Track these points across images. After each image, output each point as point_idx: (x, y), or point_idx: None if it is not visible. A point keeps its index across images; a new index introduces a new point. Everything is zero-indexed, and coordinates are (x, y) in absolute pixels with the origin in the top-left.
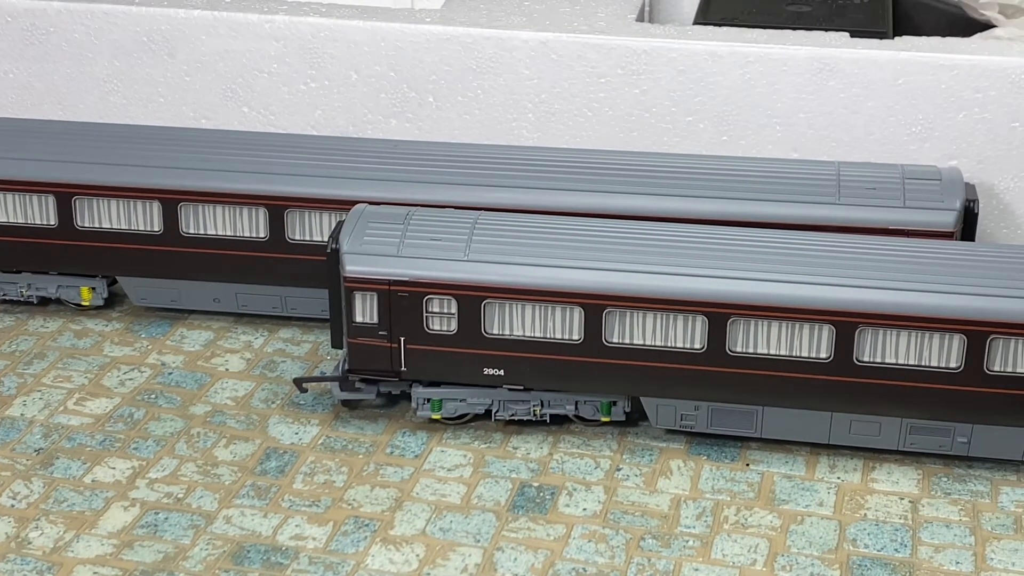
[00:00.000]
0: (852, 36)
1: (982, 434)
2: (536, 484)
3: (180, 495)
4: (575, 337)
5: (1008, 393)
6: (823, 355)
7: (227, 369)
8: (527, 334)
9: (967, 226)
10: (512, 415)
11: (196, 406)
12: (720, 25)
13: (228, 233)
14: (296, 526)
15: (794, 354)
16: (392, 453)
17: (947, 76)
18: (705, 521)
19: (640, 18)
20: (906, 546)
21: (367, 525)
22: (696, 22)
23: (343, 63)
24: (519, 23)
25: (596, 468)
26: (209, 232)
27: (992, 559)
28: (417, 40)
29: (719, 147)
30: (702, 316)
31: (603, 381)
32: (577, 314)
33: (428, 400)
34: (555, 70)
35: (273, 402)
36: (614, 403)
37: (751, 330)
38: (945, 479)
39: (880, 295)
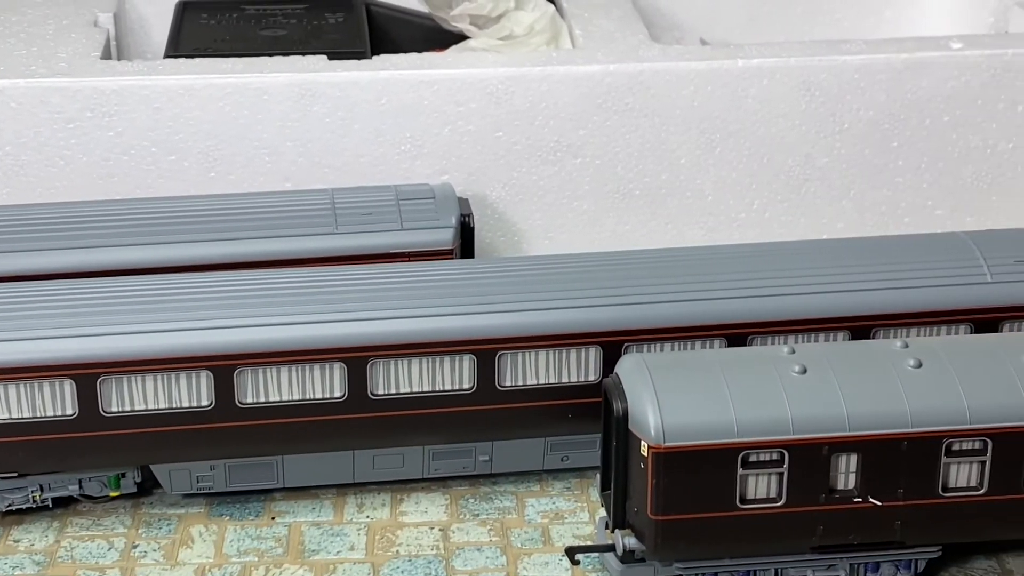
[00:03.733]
0: (331, 58)
1: (502, 449)
2: None
3: None
4: (68, 412)
5: (521, 407)
6: (337, 394)
7: None
8: (13, 415)
9: (466, 242)
10: (9, 505)
11: None
12: (193, 57)
13: None
14: None
15: (308, 397)
16: None
17: (428, 92)
18: None
19: (106, 55)
20: None
21: None
22: (167, 55)
23: None
24: None
25: (110, 549)
26: None
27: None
28: None
29: (207, 185)
30: (207, 372)
31: (106, 454)
32: (68, 387)
33: None
34: (17, 119)
35: None
36: (123, 475)
37: (260, 379)
38: (472, 500)
39: (386, 325)
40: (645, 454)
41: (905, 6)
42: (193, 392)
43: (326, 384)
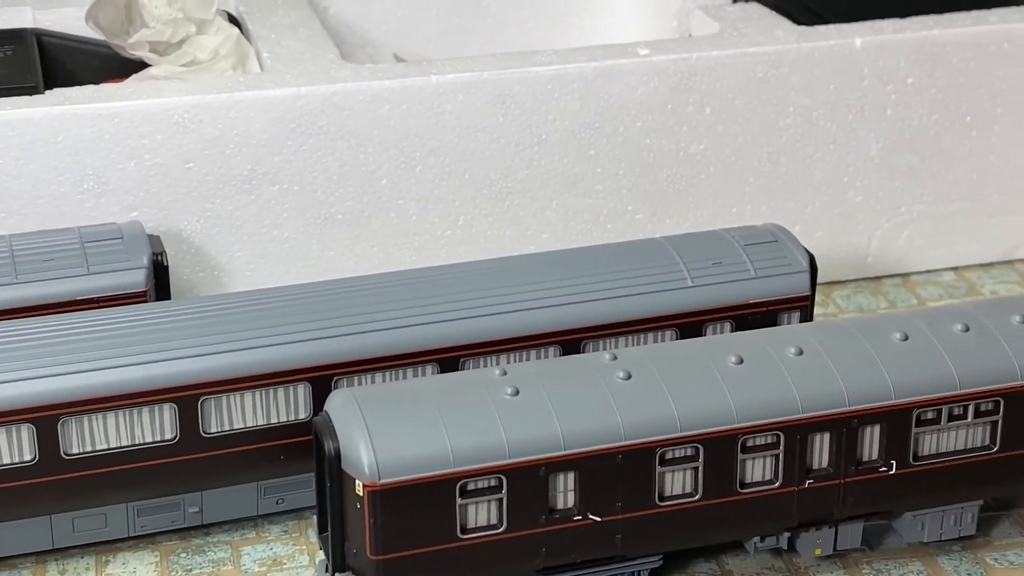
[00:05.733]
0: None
1: (213, 498)
2: None
3: None
4: None
5: (229, 452)
6: (27, 457)
7: None
8: None
9: (160, 282)
10: None
11: None
12: None
13: None
14: None
15: None
16: None
17: (109, 126)
18: None
19: None
20: None
21: None
22: None
23: None
24: None
25: None
26: None
27: None
28: None
29: None
30: None
31: None
32: None
33: None
34: None
35: None
36: None
37: None
38: (184, 554)
39: (76, 380)
40: (360, 493)
41: (593, 13)
42: None
43: (14, 447)
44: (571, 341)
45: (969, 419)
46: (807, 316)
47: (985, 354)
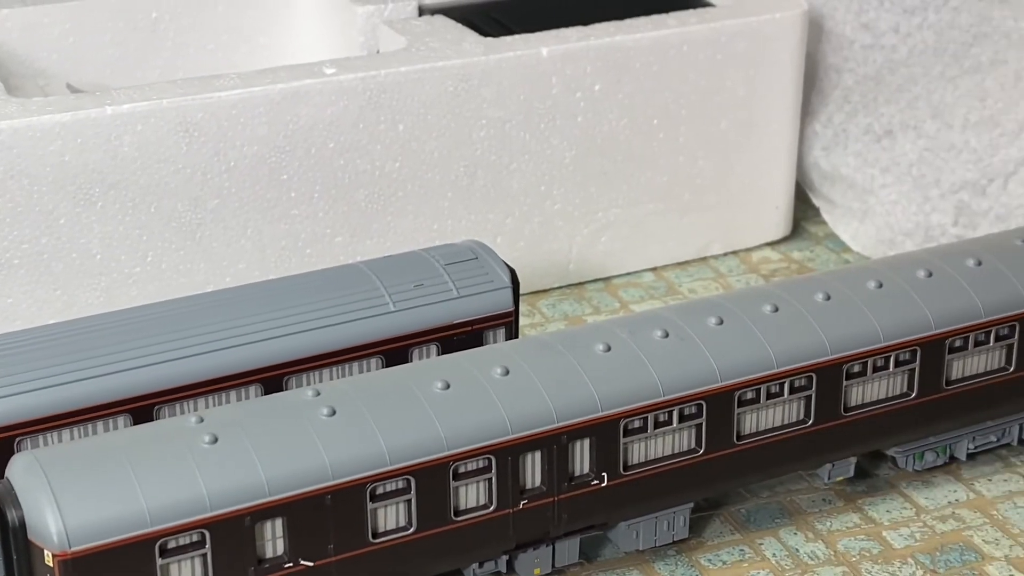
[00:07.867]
0: None
1: None
2: None
3: None
4: None
5: None
6: None
7: None
8: None
9: None
10: None
11: None
12: None
13: None
14: None
15: None
16: None
17: None
18: None
19: None
20: None
21: None
22: None
23: None
24: None
25: None
26: None
27: None
28: None
29: None
30: None
31: None
32: None
33: None
34: None
35: None
36: None
37: None
38: None
39: None
40: (51, 564)
41: (279, 31)
42: None
43: None
44: (273, 378)
45: (675, 425)
46: (513, 331)
47: (686, 359)
